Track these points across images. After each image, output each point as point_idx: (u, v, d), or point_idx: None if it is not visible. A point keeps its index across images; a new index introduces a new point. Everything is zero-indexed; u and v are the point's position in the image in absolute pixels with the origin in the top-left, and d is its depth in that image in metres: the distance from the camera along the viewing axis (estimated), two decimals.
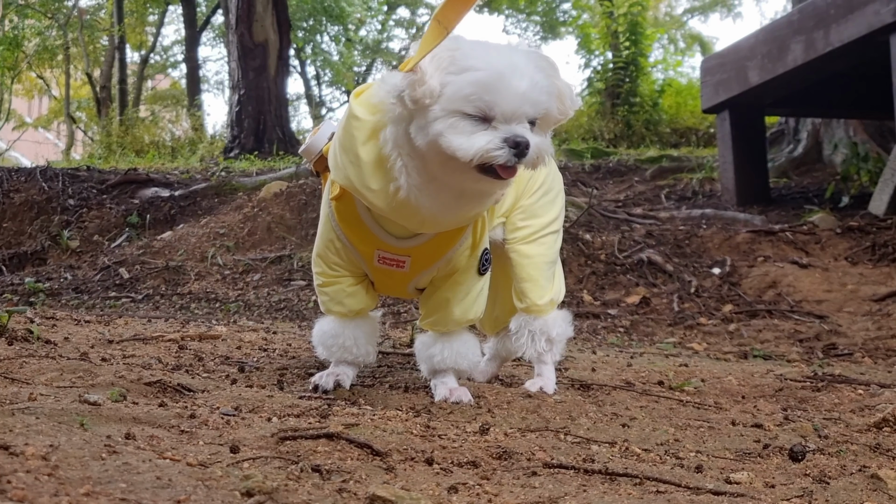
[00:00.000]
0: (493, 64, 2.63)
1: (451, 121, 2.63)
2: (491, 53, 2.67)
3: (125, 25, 28.50)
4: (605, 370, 4.35)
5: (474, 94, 2.62)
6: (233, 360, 3.79)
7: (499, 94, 2.63)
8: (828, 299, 7.29)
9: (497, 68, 2.63)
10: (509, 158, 2.64)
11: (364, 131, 2.79)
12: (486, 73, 2.62)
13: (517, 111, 2.66)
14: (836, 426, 3.14)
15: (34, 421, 2.09)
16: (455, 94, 2.62)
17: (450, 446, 2.32)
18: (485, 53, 2.66)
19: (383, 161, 2.77)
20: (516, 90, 2.64)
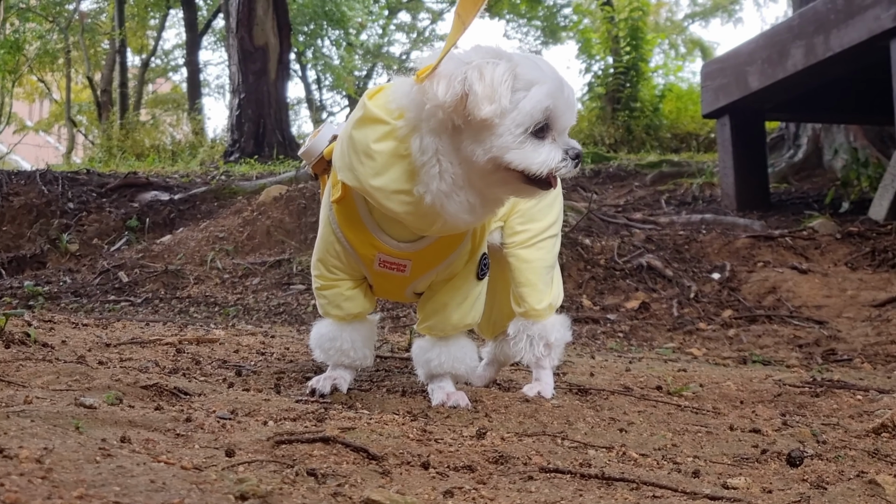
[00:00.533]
0: (549, 74, 2.70)
1: (518, 136, 2.65)
2: (538, 64, 2.73)
3: (126, 29, 28.52)
4: (604, 375, 4.34)
5: (550, 106, 2.67)
6: (230, 364, 3.79)
7: (562, 103, 2.71)
8: (827, 305, 7.28)
9: (554, 79, 2.70)
10: (570, 169, 2.74)
11: (379, 132, 2.78)
12: (550, 85, 2.68)
13: (571, 119, 2.76)
14: (834, 432, 3.13)
15: (29, 424, 2.08)
16: (532, 109, 2.65)
17: (446, 450, 2.32)
18: (534, 65, 2.72)
19: (400, 164, 2.77)
20: (569, 99, 2.74)
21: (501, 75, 2.61)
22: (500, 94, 2.60)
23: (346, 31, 37.84)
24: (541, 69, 2.69)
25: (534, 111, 2.64)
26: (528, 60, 2.70)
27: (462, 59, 2.66)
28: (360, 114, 2.84)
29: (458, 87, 2.59)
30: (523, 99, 2.64)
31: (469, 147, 2.67)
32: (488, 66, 2.62)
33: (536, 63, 2.71)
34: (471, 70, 2.62)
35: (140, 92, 34.47)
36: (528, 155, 2.66)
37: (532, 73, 2.66)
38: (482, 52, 2.69)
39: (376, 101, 2.84)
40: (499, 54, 2.68)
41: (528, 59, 2.71)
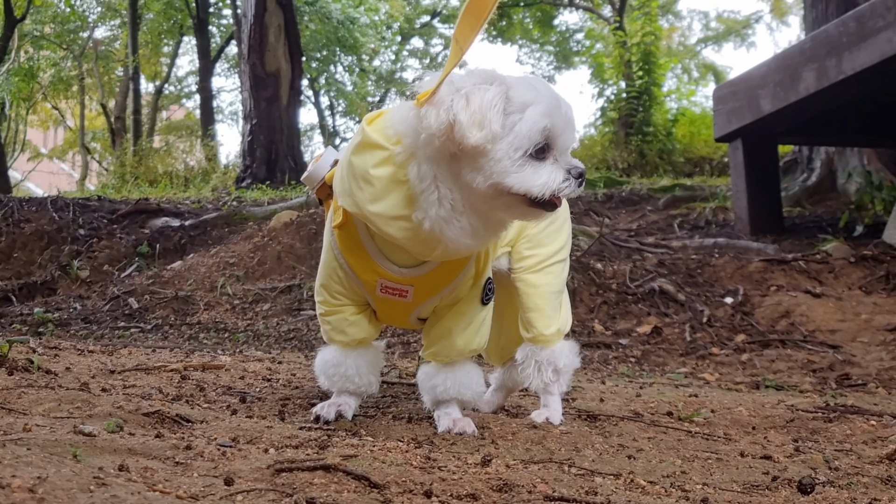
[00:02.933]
0: (544, 94, 2.66)
1: (517, 160, 2.62)
2: (533, 84, 2.69)
3: (140, 56, 28.63)
4: (614, 400, 4.30)
5: (548, 126, 2.63)
6: (235, 391, 3.76)
7: (560, 121, 2.67)
8: (841, 329, 7.23)
9: (550, 98, 2.67)
10: (574, 189, 2.71)
11: (378, 158, 2.75)
12: (546, 104, 2.64)
13: (571, 138, 2.72)
14: (847, 458, 3.09)
15: (25, 452, 2.05)
16: (529, 131, 2.61)
17: (449, 478, 2.28)
18: (529, 86, 2.68)
19: (398, 189, 2.74)
20: (568, 117, 2.70)
21: (490, 100, 2.58)
22: (490, 119, 2.56)
23: (359, 57, 37.97)
24: (535, 89, 2.65)
25: (531, 132, 2.60)
26: (522, 82, 2.67)
27: (456, 85, 2.63)
28: (358, 139, 2.82)
29: (443, 116, 2.57)
30: (519, 121, 2.60)
31: (469, 174, 2.64)
32: (476, 92, 2.59)
33: (531, 83, 2.68)
34: (457, 98, 2.59)
35: (153, 118, 34.64)
36: (528, 178, 2.63)
37: (526, 95, 2.63)
38: (475, 77, 2.66)
39: (375, 127, 2.82)
40: (491, 78, 2.65)
41: (522, 81, 2.68)
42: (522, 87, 2.65)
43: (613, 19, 25.70)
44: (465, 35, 2.75)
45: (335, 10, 32.00)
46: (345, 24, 32.47)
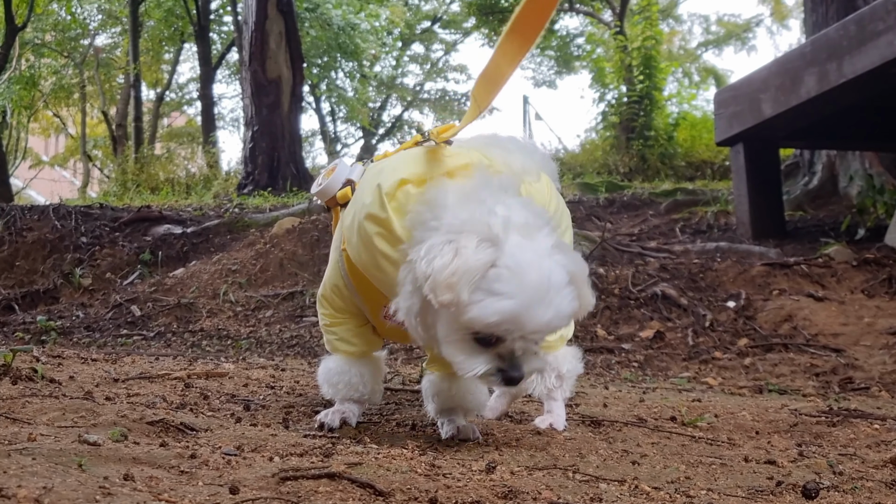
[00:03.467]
0: (525, 289, 2.54)
1: (462, 336, 2.62)
2: (527, 272, 2.55)
3: (141, 63, 28.66)
4: (617, 406, 4.30)
5: (497, 324, 2.57)
6: (239, 399, 3.76)
7: (521, 325, 2.59)
8: (844, 333, 7.22)
9: (527, 298, 2.54)
10: (500, 386, 2.79)
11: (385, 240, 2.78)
12: (515, 305, 2.54)
13: (539, 336, 2.68)
14: (851, 462, 3.09)
15: (30, 462, 2.05)
16: (476, 318, 2.56)
17: (454, 486, 2.28)
18: (520, 272, 2.55)
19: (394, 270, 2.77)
20: (538, 321, 2.59)
21: (470, 270, 2.53)
22: (461, 289, 2.53)
23: (360, 63, 37.99)
24: (521, 279, 2.54)
25: (475, 321, 2.56)
26: (517, 261, 2.55)
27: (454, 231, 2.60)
28: (374, 208, 2.83)
29: (424, 267, 2.56)
30: (478, 304, 2.54)
31: (432, 313, 2.65)
32: (464, 253, 2.53)
33: (523, 267, 2.55)
34: (445, 251, 2.56)
35: (155, 126, 34.68)
36: (458, 353, 2.64)
37: (505, 284, 2.54)
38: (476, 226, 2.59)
39: (393, 201, 2.80)
40: (491, 238, 2.57)
41: (517, 259, 2.56)
42: (511, 269, 2.55)
43: (614, 24, 25.72)
44: (482, 97, 2.78)
45: (336, 17, 32.02)
46: (345, 30, 32.50)
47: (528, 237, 2.60)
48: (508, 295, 2.53)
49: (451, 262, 2.53)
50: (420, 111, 49.23)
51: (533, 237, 2.60)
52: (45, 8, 28.70)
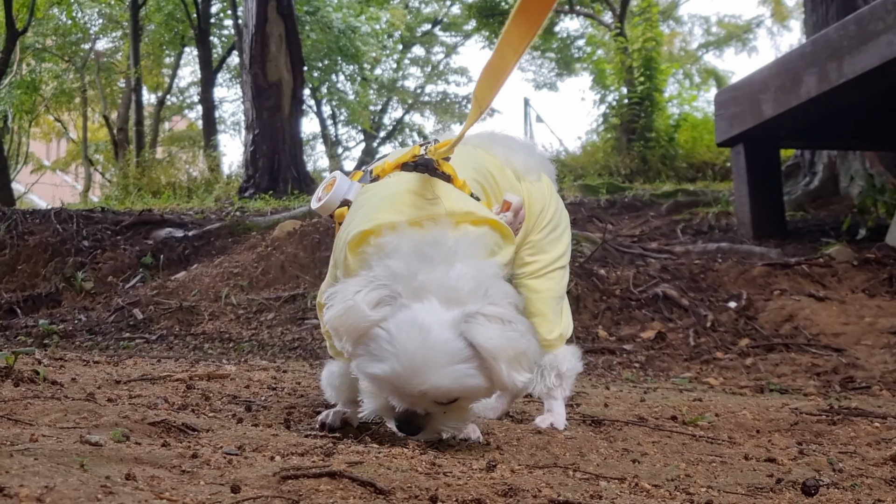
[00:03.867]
0: (398, 357, 2.59)
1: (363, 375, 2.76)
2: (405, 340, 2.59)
3: (141, 67, 28.69)
4: (618, 406, 4.31)
5: (373, 381, 2.73)
6: (240, 399, 3.77)
7: (395, 388, 2.68)
8: (845, 332, 7.22)
9: (398, 366, 2.60)
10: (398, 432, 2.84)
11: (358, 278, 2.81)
12: (386, 369, 2.62)
13: (419, 400, 2.72)
14: (851, 460, 3.09)
15: (32, 462, 2.06)
16: (358, 370, 2.75)
17: (455, 484, 2.28)
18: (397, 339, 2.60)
19: None
20: (412, 390, 2.64)
21: (355, 325, 2.65)
22: (344, 340, 2.69)
23: (361, 66, 38.01)
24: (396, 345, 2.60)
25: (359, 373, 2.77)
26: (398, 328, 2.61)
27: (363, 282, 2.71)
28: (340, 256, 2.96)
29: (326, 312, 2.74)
30: (359, 358, 2.71)
31: None
32: (355, 308, 2.63)
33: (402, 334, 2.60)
34: (338, 303, 2.68)
35: (156, 130, 34.67)
36: (366, 395, 2.84)
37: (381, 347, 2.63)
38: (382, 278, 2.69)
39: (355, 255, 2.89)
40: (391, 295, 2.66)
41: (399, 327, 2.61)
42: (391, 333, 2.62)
43: (614, 25, 25.73)
44: (484, 94, 2.79)
45: (336, 20, 32.06)
46: (346, 33, 32.53)
47: (445, 305, 2.63)
48: (380, 358, 2.62)
49: (341, 314, 2.64)
50: (421, 114, 49.30)
51: (449, 306, 2.63)
52: (45, 12, 28.73)
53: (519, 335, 2.63)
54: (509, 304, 2.70)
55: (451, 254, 2.70)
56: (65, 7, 30.00)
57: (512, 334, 2.61)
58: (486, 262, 2.77)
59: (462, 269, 2.66)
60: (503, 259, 2.88)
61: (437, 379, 2.59)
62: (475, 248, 2.78)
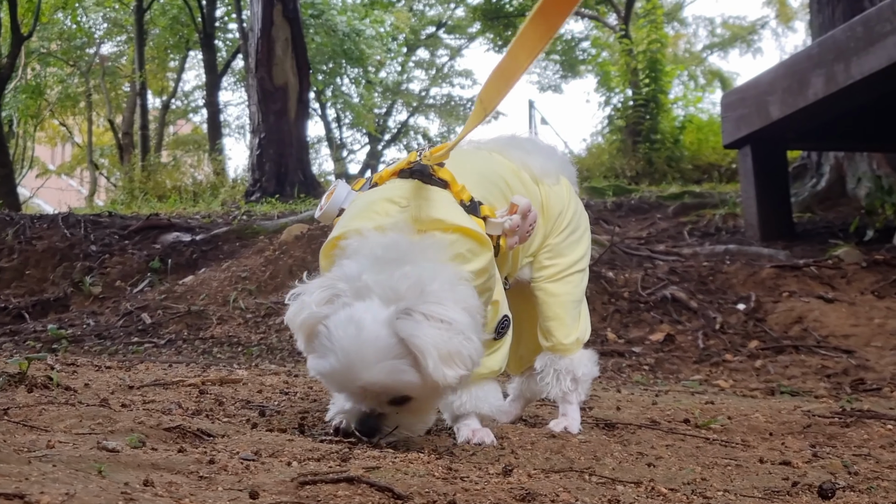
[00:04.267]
0: (336, 352, 2.69)
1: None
2: (341, 336, 2.68)
3: (146, 72, 28.70)
4: (630, 409, 4.31)
5: (320, 378, 2.86)
6: (253, 405, 3.76)
7: (336, 384, 2.82)
8: (855, 334, 7.22)
9: (336, 361, 2.70)
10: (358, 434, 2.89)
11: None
12: (326, 365, 2.73)
13: (364, 398, 2.80)
14: (865, 462, 3.09)
15: (51, 469, 2.06)
16: (309, 369, 2.85)
17: (472, 488, 2.28)
18: (335, 335, 2.70)
19: None
20: (351, 385, 2.76)
21: (302, 322, 2.79)
22: (297, 337, 2.85)
23: (365, 69, 38.02)
24: (334, 342, 2.70)
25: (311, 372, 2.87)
26: (335, 326, 2.70)
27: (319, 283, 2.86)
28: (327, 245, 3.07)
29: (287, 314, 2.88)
30: (309, 356, 2.84)
31: None
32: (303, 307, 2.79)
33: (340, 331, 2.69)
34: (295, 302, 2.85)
35: (161, 134, 34.71)
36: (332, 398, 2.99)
37: (322, 344, 2.74)
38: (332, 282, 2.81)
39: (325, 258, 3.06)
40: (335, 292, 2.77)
41: (336, 324, 2.70)
42: (330, 330, 2.72)
43: (619, 27, 25.75)
44: (490, 97, 2.79)
45: (341, 23, 32.07)
46: (350, 36, 32.53)
47: (385, 303, 2.69)
48: (322, 355, 2.72)
49: (293, 312, 2.80)
50: (426, 116, 49.31)
51: (388, 304, 2.68)
52: (50, 17, 28.77)
53: (452, 334, 2.65)
54: (455, 303, 2.72)
55: (402, 256, 2.74)
56: (69, 11, 30.03)
57: (443, 333, 2.64)
58: (440, 266, 2.78)
59: (406, 270, 2.71)
60: (475, 266, 2.88)
61: (370, 374, 2.67)
62: (434, 252, 2.80)
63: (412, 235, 2.83)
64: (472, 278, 2.85)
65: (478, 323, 2.78)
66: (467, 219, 2.91)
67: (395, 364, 2.65)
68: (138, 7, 27.94)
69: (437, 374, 2.63)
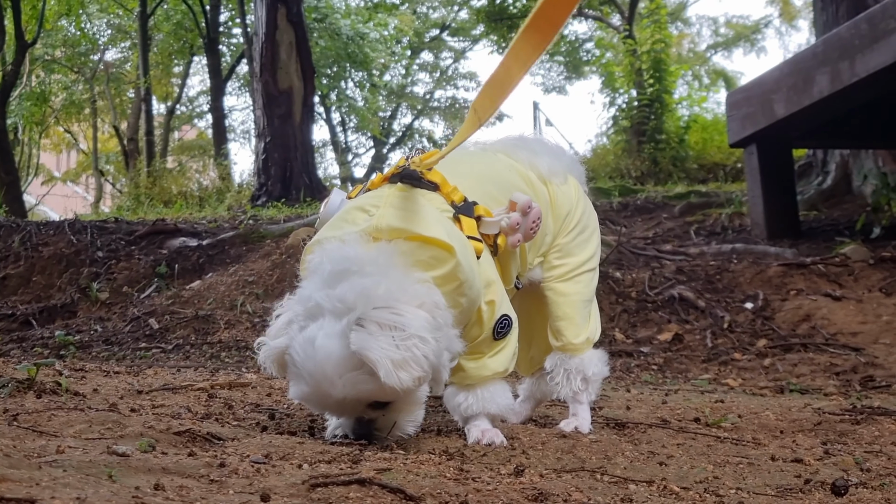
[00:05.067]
0: (306, 376, 2.75)
1: None
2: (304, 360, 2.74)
3: (151, 77, 28.72)
4: (640, 408, 4.30)
5: (302, 403, 2.95)
6: (263, 408, 3.76)
7: (317, 405, 2.90)
8: (863, 331, 7.20)
9: (310, 384, 2.76)
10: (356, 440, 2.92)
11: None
12: (303, 390, 2.79)
13: (344, 410, 2.88)
14: (877, 459, 3.08)
15: (61, 474, 2.06)
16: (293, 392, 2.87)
17: (484, 489, 2.28)
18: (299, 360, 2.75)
19: None
20: (329, 402, 2.83)
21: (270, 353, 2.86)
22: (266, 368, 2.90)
23: (370, 73, 38.07)
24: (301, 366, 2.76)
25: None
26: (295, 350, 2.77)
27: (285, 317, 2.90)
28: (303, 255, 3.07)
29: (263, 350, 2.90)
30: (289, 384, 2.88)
31: None
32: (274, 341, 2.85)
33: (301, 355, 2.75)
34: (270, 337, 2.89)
35: (166, 139, 34.74)
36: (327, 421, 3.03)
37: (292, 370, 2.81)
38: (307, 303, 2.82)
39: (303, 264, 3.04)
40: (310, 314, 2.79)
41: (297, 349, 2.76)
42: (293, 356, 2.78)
43: (623, 28, 25.74)
44: (484, 107, 2.79)
45: (344, 26, 32.12)
46: (354, 39, 32.59)
47: (336, 318, 2.72)
48: (294, 381, 2.79)
49: (262, 354, 2.87)
50: (430, 119, 49.37)
51: (339, 318, 2.71)
52: (54, 24, 28.80)
53: (403, 339, 2.67)
54: (407, 304, 2.73)
55: (350, 268, 2.76)
56: (73, 18, 30.07)
57: (394, 340, 2.66)
58: (390, 270, 2.78)
59: (353, 281, 2.72)
60: (439, 272, 2.85)
61: (337, 390, 2.71)
62: (385, 259, 2.80)
63: (365, 245, 2.83)
64: (434, 283, 2.84)
65: (439, 320, 2.79)
66: (437, 226, 2.88)
67: (356, 376, 2.68)
68: (142, 13, 27.98)
69: (391, 381, 2.64)
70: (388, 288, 2.71)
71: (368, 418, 2.87)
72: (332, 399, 2.73)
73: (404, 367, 2.65)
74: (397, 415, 2.89)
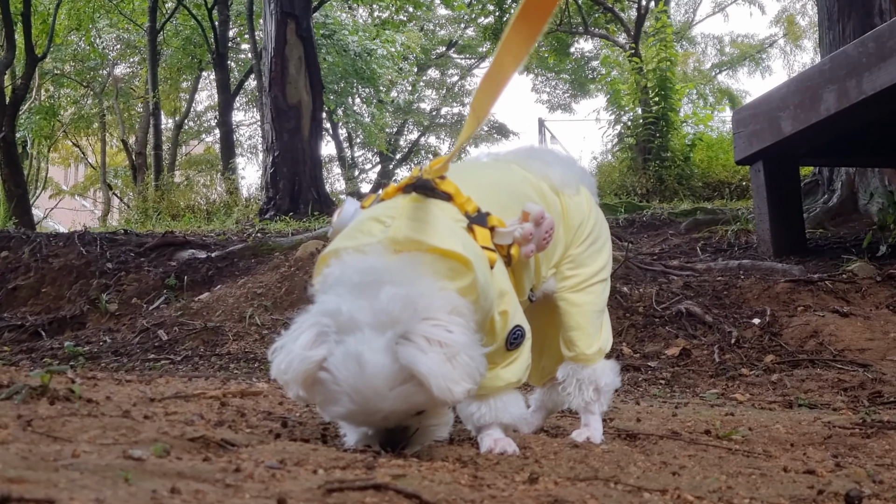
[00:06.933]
0: (349, 394, 2.67)
1: None
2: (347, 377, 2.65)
3: (159, 92, 28.79)
4: (651, 420, 4.31)
5: (341, 422, 2.92)
6: (275, 416, 3.77)
7: (358, 421, 2.83)
8: (870, 348, 7.20)
9: (352, 403, 2.68)
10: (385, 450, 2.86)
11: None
12: (342, 409, 2.72)
13: (387, 422, 2.81)
14: (889, 472, 3.09)
15: (78, 476, 2.07)
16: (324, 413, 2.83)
17: (500, 496, 2.28)
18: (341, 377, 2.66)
19: None
20: (373, 420, 2.78)
21: (299, 370, 2.71)
22: (290, 388, 2.77)
23: (377, 89, 38.14)
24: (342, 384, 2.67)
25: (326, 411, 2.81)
26: (336, 367, 2.67)
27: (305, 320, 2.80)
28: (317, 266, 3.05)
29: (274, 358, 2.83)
30: (319, 403, 2.80)
31: None
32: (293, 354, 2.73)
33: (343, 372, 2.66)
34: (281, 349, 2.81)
35: (174, 154, 34.83)
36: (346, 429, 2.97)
37: (330, 388, 2.70)
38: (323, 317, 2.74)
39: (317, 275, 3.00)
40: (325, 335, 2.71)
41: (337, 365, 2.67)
42: (332, 373, 2.68)
43: (629, 46, 25.78)
44: (482, 104, 2.80)
45: (352, 43, 32.21)
46: (362, 56, 32.69)
47: (378, 330, 2.64)
48: (334, 400, 2.69)
49: (283, 367, 2.74)
50: (437, 136, 49.45)
51: (382, 330, 2.65)
52: (64, 38, 28.91)
53: (448, 356, 2.66)
54: (449, 317, 2.72)
55: (379, 278, 2.71)
56: (83, 33, 30.18)
57: (438, 357, 2.64)
58: (422, 280, 2.76)
59: (391, 291, 2.67)
60: (459, 284, 2.83)
61: (389, 405, 2.67)
62: (410, 269, 2.78)
63: (388, 256, 2.81)
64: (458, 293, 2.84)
65: (471, 324, 2.81)
66: (452, 238, 2.88)
67: (406, 388, 2.65)
68: (151, 28, 28.06)
69: (443, 395, 2.64)
70: (430, 299, 2.71)
71: (404, 426, 2.84)
72: (380, 414, 2.70)
73: (457, 381, 2.66)
74: (432, 418, 2.89)
